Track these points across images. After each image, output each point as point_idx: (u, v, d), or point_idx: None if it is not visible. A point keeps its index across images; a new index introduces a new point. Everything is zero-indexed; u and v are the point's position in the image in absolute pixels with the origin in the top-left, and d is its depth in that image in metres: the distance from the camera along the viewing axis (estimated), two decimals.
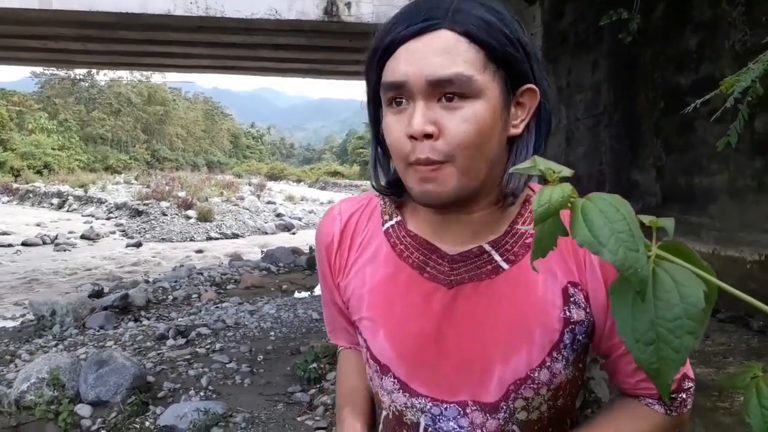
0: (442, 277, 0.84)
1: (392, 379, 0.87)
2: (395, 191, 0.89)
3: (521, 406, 0.82)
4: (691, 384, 0.85)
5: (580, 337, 0.82)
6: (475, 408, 0.83)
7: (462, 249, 0.84)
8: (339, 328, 1.03)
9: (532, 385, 0.81)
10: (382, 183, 0.89)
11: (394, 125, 0.79)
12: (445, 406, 0.84)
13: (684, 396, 0.85)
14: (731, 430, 2.09)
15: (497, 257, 0.82)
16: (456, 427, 0.83)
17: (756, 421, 0.46)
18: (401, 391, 0.87)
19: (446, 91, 0.74)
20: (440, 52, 0.74)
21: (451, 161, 0.75)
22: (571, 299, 0.80)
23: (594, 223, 0.44)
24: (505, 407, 0.82)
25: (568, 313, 0.80)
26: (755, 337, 2.89)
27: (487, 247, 0.83)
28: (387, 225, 0.91)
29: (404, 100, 0.77)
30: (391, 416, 0.90)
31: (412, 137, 0.75)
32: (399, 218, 0.90)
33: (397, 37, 0.77)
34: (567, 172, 0.48)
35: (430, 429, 0.85)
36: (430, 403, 0.84)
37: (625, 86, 4.06)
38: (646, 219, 0.48)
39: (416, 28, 0.75)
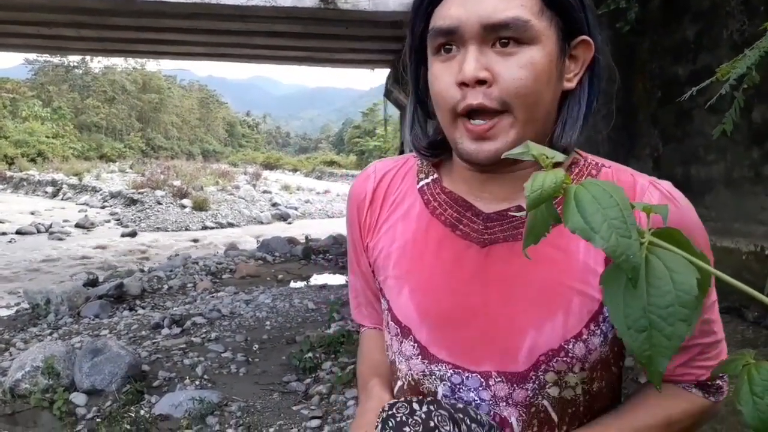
0: (475, 235, 0.80)
1: (412, 343, 0.82)
2: (434, 152, 0.86)
3: (552, 380, 0.76)
4: None
5: None
6: (499, 379, 0.77)
7: (498, 208, 0.80)
8: (365, 302, 0.98)
9: (565, 359, 0.75)
10: (422, 143, 0.86)
11: (441, 73, 0.75)
12: (467, 374, 0.78)
13: (720, 382, 0.82)
14: (725, 419, 2.10)
15: None
16: (477, 399, 0.78)
17: (748, 409, 0.46)
18: (420, 357, 0.81)
19: (501, 35, 0.71)
20: None
21: (508, 111, 0.72)
22: None
23: (587, 210, 0.44)
24: (534, 378, 0.76)
25: None
26: (750, 328, 2.91)
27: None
28: (422, 183, 0.87)
29: (454, 47, 0.74)
30: (406, 386, 0.84)
31: (463, 84, 0.72)
32: (435, 176, 0.87)
33: None
34: (560, 157, 0.47)
35: (447, 399, 0.79)
36: (450, 371, 0.79)
37: (623, 76, 4.04)
38: (640, 205, 0.47)
39: None
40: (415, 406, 0.72)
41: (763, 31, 0.98)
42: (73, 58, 52.08)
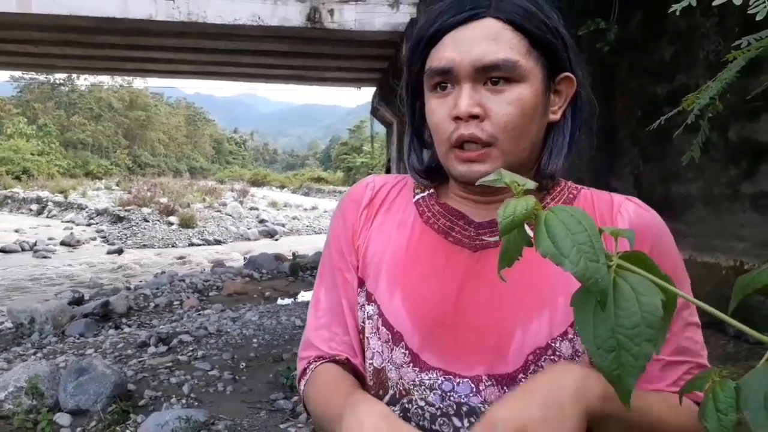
0: (466, 241, 0.84)
1: (403, 350, 0.83)
2: (430, 177, 0.90)
3: None
4: None
5: None
6: (489, 383, 0.78)
7: (490, 218, 0.85)
8: (334, 318, 0.91)
9: (553, 357, 0.77)
10: (419, 169, 0.91)
11: (438, 108, 0.81)
12: (458, 380, 0.79)
13: None
14: None
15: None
16: (468, 405, 0.79)
17: (712, 425, 0.47)
18: (411, 364, 0.82)
19: (492, 75, 0.77)
20: (487, 39, 0.77)
21: (495, 144, 0.78)
22: None
23: (557, 235, 0.46)
24: (524, 379, 0.77)
25: None
26: (731, 342, 2.94)
27: None
28: (417, 196, 0.92)
29: (449, 85, 0.80)
30: (397, 395, 0.83)
31: (457, 118, 0.78)
32: (431, 191, 0.92)
33: (443, 26, 0.80)
34: (531, 185, 0.49)
35: (437, 406, 0.79)
36: (441, 377, 0.80)
37: (604, 95, 4.12)
38: (608, 230, 0.50)
39: (463, 17, 0.78)
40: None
41: (733, 58, 1.02)
42: (60, 76, 51.89)
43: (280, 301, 8.23)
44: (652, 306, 0.45)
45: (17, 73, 49.65)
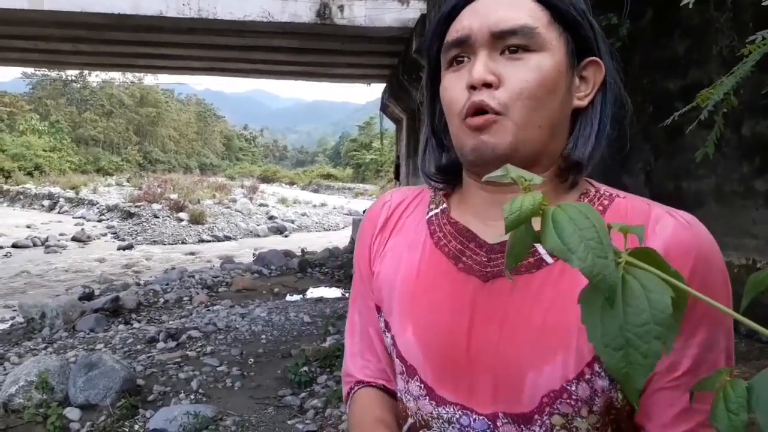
0: (477, 268, 0.78)
1: (419, 383, 0.80)
2: (444, 179, 0.87)
3: (560, 423, 0.72)
4: None
5: None
6: (506, 421, 0.74)
7: (503, 239, 0.76)
8: (366, 345, 0.93)
9: (569, 401, 0.71)
10: (432, 169, 0.87)
11: (452, 82, 0.77)
12: (474, 417, 0.75)
13: None
14: None
15: (541, 249, 0.74)
16: None
17: (723, 426, 0.46)
18: (428, 397, 0.79)
19: (510, 43, 0.73)
20: (505, 6, 0.74)
21: (506, 114, 0.73)
22: None
23: (564, 231, 0.45)
24: (539, 421, 0.72)
25: None
26: (742, 341, 2.91)
27: None
28: (430, 213, 0.87)
29: (466, 58, 0.77)
30: (417, 424, 0.81)
31: (471, 87, 0.74)
32: (444, 206, 0.86)
33: (461, 0, 0.78)
34: (538, 180, 0.48)
35: None
36: (459, 412, 0.76)
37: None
38: (617, 226, 0.49)
39: None
40: None
41: (749, 52, 1.00)
42: (71, 72, 52.27)
43: (288, 298, 8.26)
44: (662, 303, 0.44)
45: (29, 70, 49.98)
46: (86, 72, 51.63)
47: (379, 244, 0.89)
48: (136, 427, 3.81)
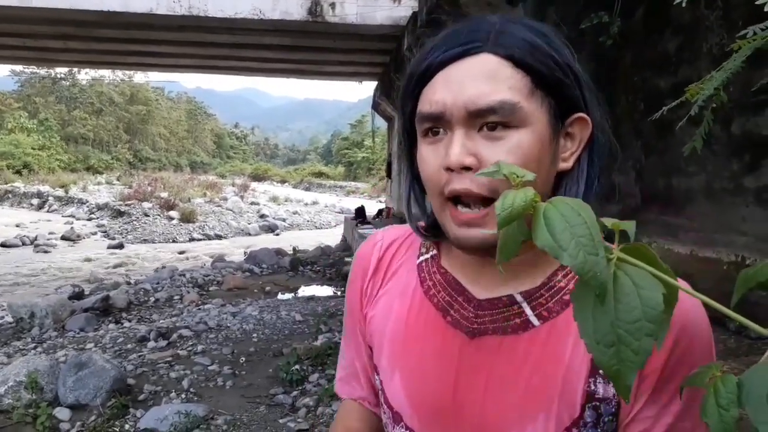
0: (464, 323, 0.77)
1: (403, 430, 0.80)
2: (433, 233, 0.82)
3: None
4: None
5: (607, 419, 0.70)
6: None
7: (491, 295, 0.76)
8: (352, 374, 0.94)
9: None
10: (420, 224, 0.84)
11: (429, 156, 0.73)
12: None
13: None
14: None
15: (528, 311, 0.74)
16: None
17: (713, 421, 0.46)
18: None
19: (488, 120, 0.68)
20: (481, 78, 0.68)
21: (496, 198, 0.68)
22: (600, 371, 0.69)
23: (555, 227, 0.45)
24: None
25: (593, 387, 0.70)
26: (732, 338, 2.93)
27: (519, 298, 0.75)
28: (421, 258, 0.85)
29: (441, 130, 0.71)
30: None
31: (448, 169, 0.69)
32: (434, 252, 0.84)
33: (434, 62, 0.71)
34: (530, 176, 0.48)
35: None
36: None
37: (606, 89, 4.11)
38: (609, 222, 0.49)
39: (455, 52, 0.69)
40: None
41: (738, 49, 1.00)
42: (60, 70, 51.85)
43: (280, 296, 8.24)
44: (654, 300, 0.44)
45: (18, 68, 49.50)
46: (75, 70, 51.22)
47: (372, 288, 0.88)
48: (127, 426, 3.79)
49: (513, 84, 0.68)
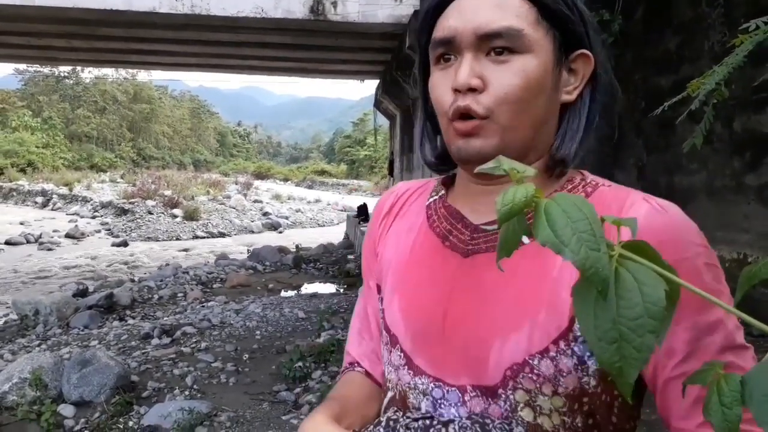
0: (460, 245, 0.81)
1: (399, 353, 0.83)
2: (442, 165, 0.89)
3: (523, 400, 0.72)
4: None
5: None
6: (474, 394, 0.74)
7: (488, 219, 0.80)
8: (364, 326, 0.97)
9: (531, 376, 0.71)
10: (430, 157, 0.89)
11: (439, 81, 0.78)
12: (447, 389, 0.77)
13: None
14: None
15: None
16: (456, 415, 0.75)
17: (717, 420, 0.46)
18: (406, 367, 0.81)
19: (495, 45, 0.73)
20: (491, 6, 0.74)
21: (491, 117, 0.74)
22: None
23: (556, 223, 0.45)
24: (503, 396, 0.73)
25: None
26: None
27: None
28: (430, 200, 0.90)
29: (452, 57, 0.77)
30: (397, 396, 0.83)
31: (456, 90, 0.74)
32: (442, 192, 0.90)
33: None
34: (531, 172, 0.48)
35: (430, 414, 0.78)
36: (432, 384, 0.78)
37: None
38: (610, 219, 0.48)
39: None
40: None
41: (738, 45, 1.00)
42: (64, 68, 51.90)
43: (283, 294, 8.25)
44: (656, 296, 0.44)
45: (22, 66, 49.61)
46: (79, 68, 51.28)
47: (384, 227, 0.94)
48: (131, 423, 3.80)
49: (520, 13, 0.73)
